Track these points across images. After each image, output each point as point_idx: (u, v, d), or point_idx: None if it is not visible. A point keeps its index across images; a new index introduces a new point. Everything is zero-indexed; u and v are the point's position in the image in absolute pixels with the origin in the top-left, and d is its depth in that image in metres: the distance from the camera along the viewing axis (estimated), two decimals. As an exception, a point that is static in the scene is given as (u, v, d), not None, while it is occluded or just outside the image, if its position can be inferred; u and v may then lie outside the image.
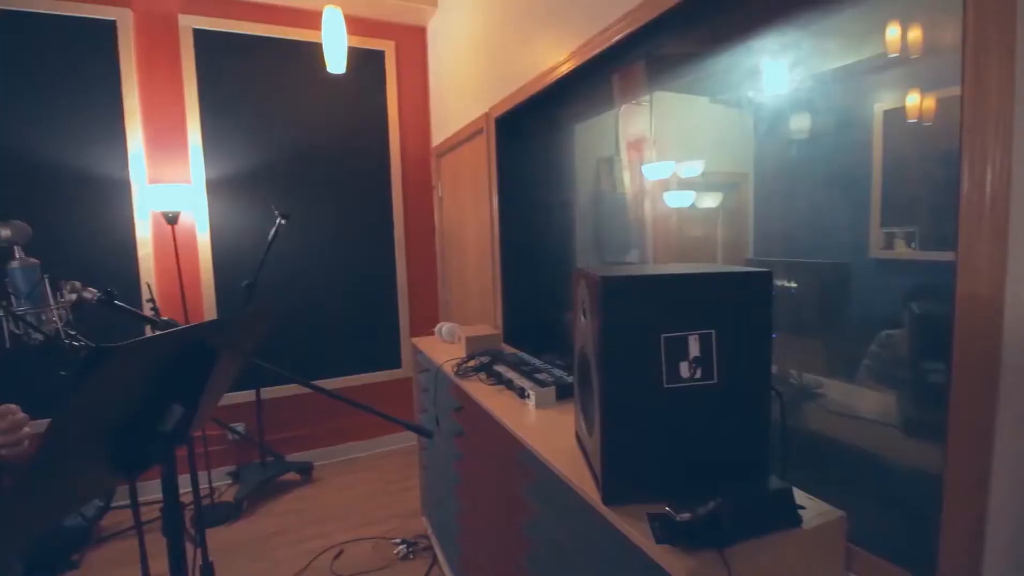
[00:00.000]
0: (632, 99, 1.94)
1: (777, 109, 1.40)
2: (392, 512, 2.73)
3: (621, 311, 0.84)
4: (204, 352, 0.79)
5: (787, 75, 1.36)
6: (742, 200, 1.60)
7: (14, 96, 2.58)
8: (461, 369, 1.75)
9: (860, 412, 1.26)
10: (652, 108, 1.91)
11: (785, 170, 1.44)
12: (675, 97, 1.84)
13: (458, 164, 3.03)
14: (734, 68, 1.53)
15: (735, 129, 1.58)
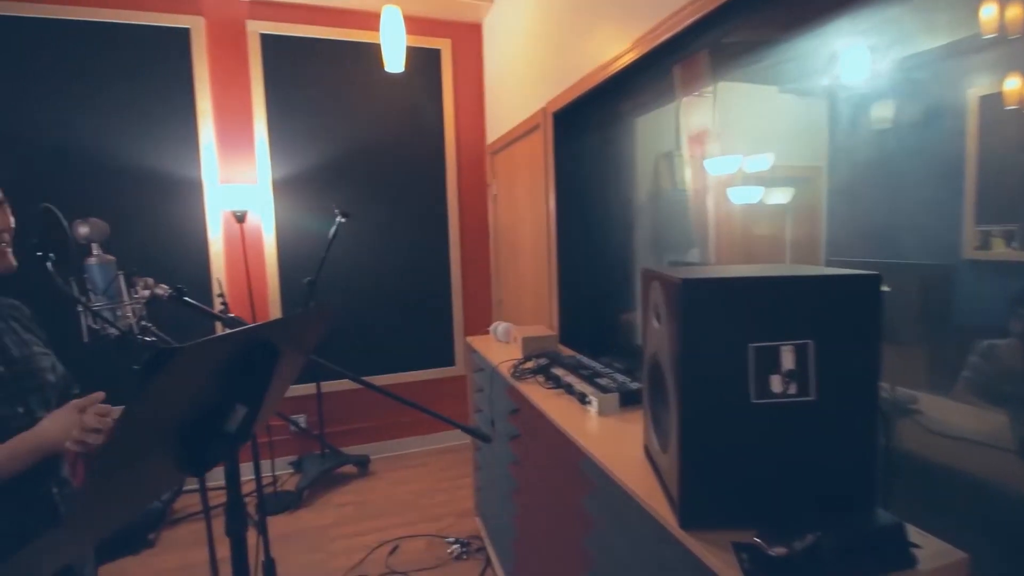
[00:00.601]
0: (694, 90, 1.83)
1: (856, 97, 1.27)
2: (446, 510, 2.73)
3: (704, 317, 0.76)
4: (267, 351, 0.78)
5: (868, 60, 1.23)
6: (814, 196, 1.47)
7: (96, 101, 2.76)
8: (517, 371, 1.71)
9: (964, 432, 1.11)
10: (716, 99, 1.79)
11: (864, 163, 1.30)
12: (741, 87, 1.72)
13: (513, 161, 2.99)
14: (808, 54, 1.40)
15: (807, 120, 1.46)
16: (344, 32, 3.12)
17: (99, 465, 0.55)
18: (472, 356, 2.31)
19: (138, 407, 0.53)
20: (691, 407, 0.78)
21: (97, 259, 0.99)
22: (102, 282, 0.97)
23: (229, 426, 0.75)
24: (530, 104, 2.61)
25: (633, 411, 1.34)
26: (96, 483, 0.57)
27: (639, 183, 2.25)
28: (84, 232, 0.99)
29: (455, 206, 3.40)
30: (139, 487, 0.70)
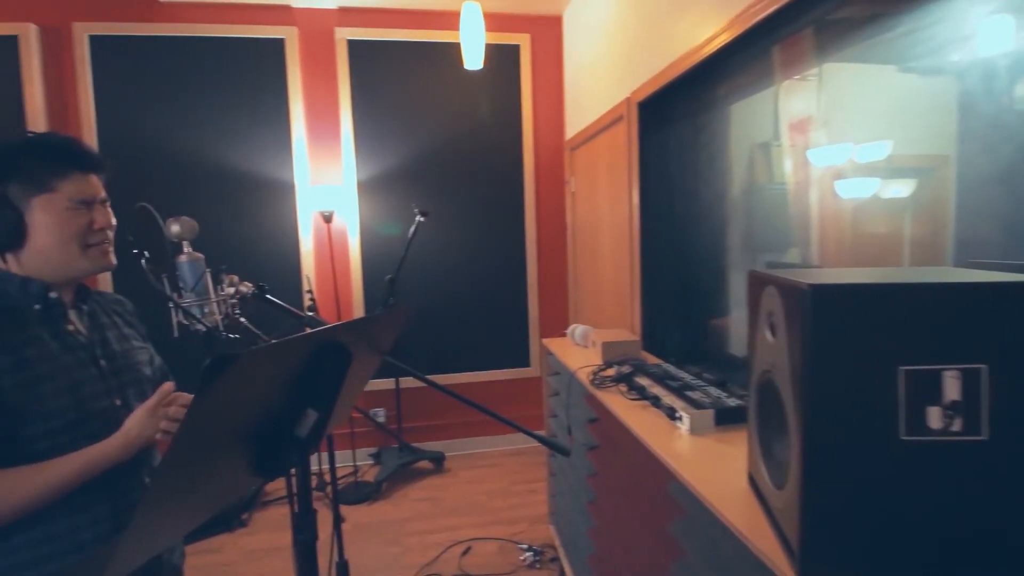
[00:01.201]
0: (796, 73, 1.63)
1: (995, 75, 1.03)
2: (519, 514, 2.67)
3: (840, 332, 0.62)
4: (339, 354, 0.74)
5: (1012, 29, 1.00)
6: (939, 188, 1.25)
7: (199, 110, 3.00)
8: (597, 378, 1.60)
9: None
10: (821, 82, 1.58)
11: (1007, 150, 1.06)
12: (851, 68, 1.50)
13: (593, 156, 2.87)
14: (935, 25, 1.17)
15: (932, 102, 1.24)
16: (425, 33, 3.16)
17: (161, 470, 0.53)
18: (548, 359, 2.23)
19: (197, 413, 0.51)
20: (820, 440, 0.64)
21: (187, 256, 1.02)
22: (191, 279, 1.00)
23: (300, 431, 0.73)
24: (613, 95, 2.48)
25: (731, 431, 1.20)
26: (159, 488, 0.55)
27: (732, 176, 2.05)
28: (176, 230, 1.02)
29: (532, 204, 3.34)
30: (211, 490, 0.69)
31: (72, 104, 2.92)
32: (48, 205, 0.88)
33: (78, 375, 0.92)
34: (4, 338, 0.84)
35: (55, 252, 0.90)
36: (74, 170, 0.91)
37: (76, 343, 0.95)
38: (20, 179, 0.86)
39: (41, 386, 0.87)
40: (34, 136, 0.89)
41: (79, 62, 2.87)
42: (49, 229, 0.88)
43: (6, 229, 0.86)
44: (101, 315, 1.03)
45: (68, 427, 0.89)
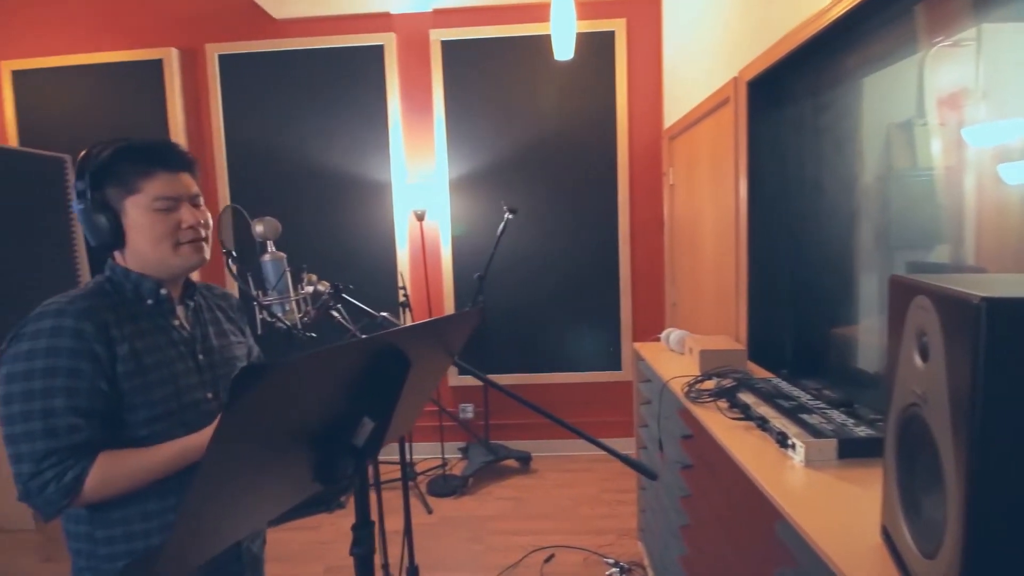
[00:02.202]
0: (947, 37, 1.33)
1: None
2: (607, 525, 2.55)
3: None
4: (397, 361, 0.70)
5: None
6: None
7: (307, 116, 3.21)
8: (693, 390, 1.44)
9: None
10: (980, 47, 1.28)
11: None
12: (1019, 28, 1.20)
13: (694, 145, 2.64)
14: None
15: None
16: (515, 28, 3.12)
17: (199, 474, 0.51)
18: (639, 364, 2.08)
19: (229, 422, 0.48)
20: (996, 503, 0.48)
21: (270, 256, 1.04)
22: (273, 278, 1.02)
23: (356, 440, 0.69)
24: (718, 76, 2.25)
25: (858, 467, 0.99)
26: (197, 491, 0.54)
27: (862, 162, 1.75)
28: (259, 230, 1.05)
29: (626, 198, 3.16)
30: (269, 491, 0.68)
31: (205, 117, 3.27)
32: (138, 205, 0.93)
33: (179, 367, 0.98)
34: (121, 330, 0.91)
35: (149, 250, 0.95)
36: (160, 170, 0.94)
37: (179, 337, 1.01)
38: (114, 182, 0.92)
39: (148, 376, 0.93)
40: (125, 141, 0.94)
41: (211, 79, 3.21)
42: (141, 229, 0.93)
43: (106, 230, 0.92)
44: (205, 310, 1.09)
45: (166, 415, 0.94)
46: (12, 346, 0.86)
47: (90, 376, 0.86)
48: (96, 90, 3.26)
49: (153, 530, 0.94)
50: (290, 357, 0.49)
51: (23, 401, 0.84)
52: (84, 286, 0.95)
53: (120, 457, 0.89)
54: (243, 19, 3.20)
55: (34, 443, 0.83)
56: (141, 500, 0.93)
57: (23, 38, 3.29)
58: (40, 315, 0.88)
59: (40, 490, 0.83)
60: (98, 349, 0.87)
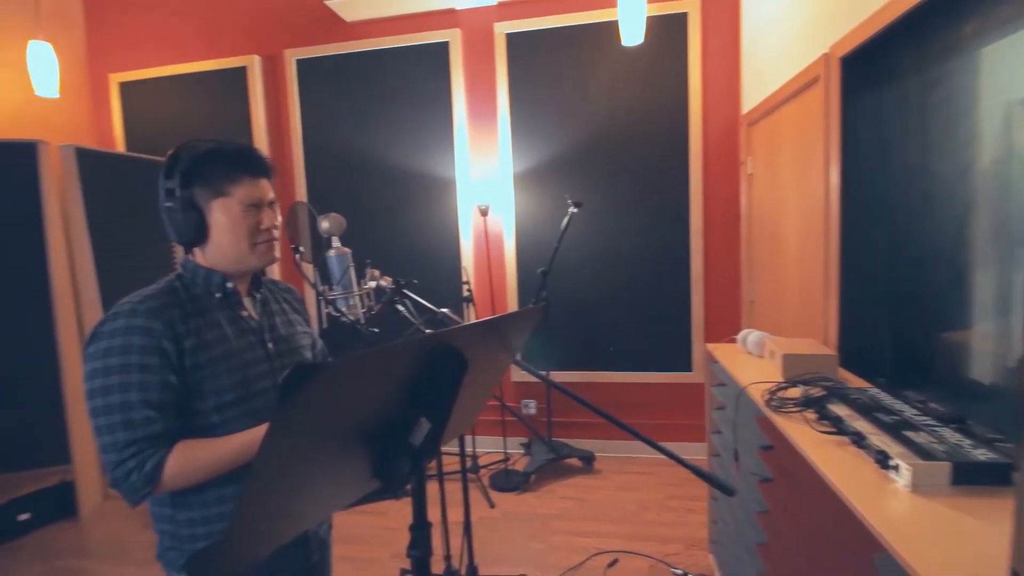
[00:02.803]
0: None
1: None
2: (674, 533, 2.43)
3: None
4: (454, 361, 0.67)
5: None
6: None
7: (377, 115, 3.29)
8: (776, 398, 1.32)
9: None
10: None
11: None
12: None
13: (777, 130, 2.44)
14: None
15: None
16: (581, 16, 3.03)
17: (254, 472, 0.51)
18: (713, 367, 1.95)
19: (281, 420, 0.47)
20: None
21: (335, 251, 1.06)
22: (338, 273, 1.03)
23: (414, 439, 0.68)
24: (805, 54, 2.06)
25: (975, 495, 0.86)
26: (252, 489, 0.54)
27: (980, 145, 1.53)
28: (325, 226, 1.07)
29: (698, 189, 2.99)
30: (327, 489, 0.68)
31: (284, 118, 3.45)
32: (224, 207, 0.98)
33: (248, 356, 1.02)
34: (189, 322, 0.96)
35: (229, 248, 1.00)
36: (246, 175, 0.99)
37: (248, 327, 1.05)
38: (202, 184, 0.97)
39: (217, 365, 0.97)
40: (214, 144, 0.99)
41: (289, 83, 3.38)
42: (224, 228, 0.98)
43: (192, 228, 0.97)
44: (271, 302, 1.14)
45: (236, 402, 0.98)
46: (91, 344, 0.92)
47: (160, 371, 0.91)
48: (190, 97, 3.52)
49: (228, 515, 0.99)
50: (341, 357, 0.48)
51: (103, 395, 0.89)
52: (155, 285, 1.00)
53: (195, 446, 0.93)
54: (318, 24, 3.33)
55: (115, 434, 0.89)
56: (217, 485, 0.97)
57: (127, 53, 3.62)
58: (115, 315, 0.93)
59: (125, 478, 0.88)
60: (166, 345, 0.92)
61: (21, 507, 2.75)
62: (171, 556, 0.99)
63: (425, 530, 0.71)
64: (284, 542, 0.64)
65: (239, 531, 0.52)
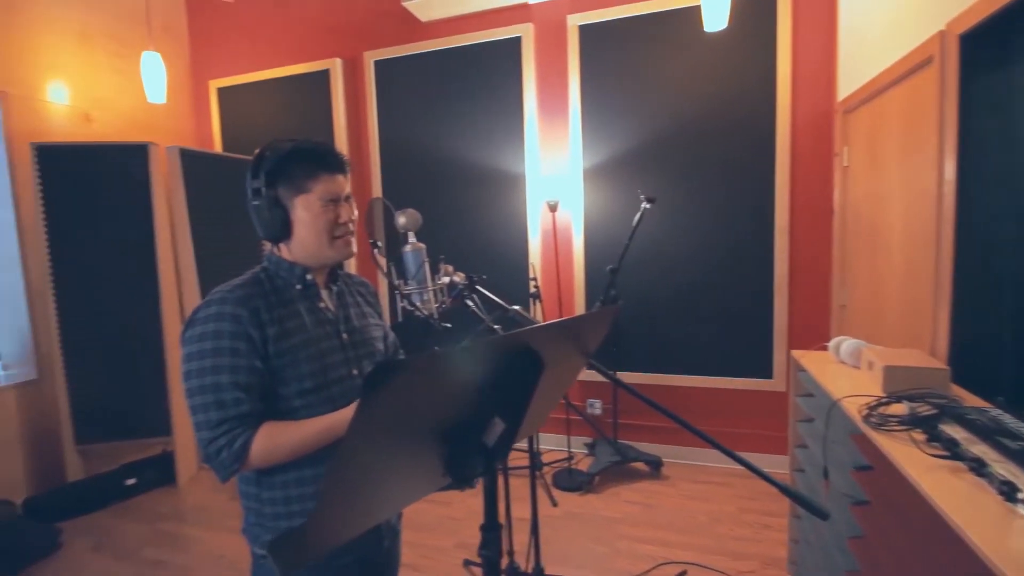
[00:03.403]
0: None
1: None
2: (748, 549, 2.29)
3: None
4: (530, 362, 0.65)
5: None
6: None
7: (450, 113, 3.33)
8: (876, 414, 1.20)
9: None
10: None
11: None
12: None
13: (879, 118, 2.22)
14: None
15: None
16: (658, 3, 2.90)
17: (333, 464, 0.51)
18: (799, 376, 1.81)
19: (363, 416, 0.47)
20: None
21: (411, 247, 1.07)
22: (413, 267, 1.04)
23: (487, 439, 0.66)
24: (916, 32, 1.85)
25: None
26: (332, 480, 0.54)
27: None
28: (401, 222, 1.08)
29: (785, 183, 2.78)
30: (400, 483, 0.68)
31: (362, 118, 3.59)
32: (305, 203, 1.02)
33: (324, 345, 1.06)
34: (272, 311, 1.01)
35: (310, 243, 1.04)
36: (324, 172, 1.03)
37: (325, 318, 1.09)
38: (285, 182, 1.02)
39: (298, 353, 1.01)
40: (294, 144, 1.03)
41: (368, 84, 3.50)
42: (306, 224, 1.03)
43: (278, 224, 1.02)
44: (347, 295, 1.17)
45: (315, 389, 1.02)
46: (188, 329, 0.99)
47: (247, 355, 0.96)
48: (278, 100, 3.75)
49: (307, 495, 1.03)
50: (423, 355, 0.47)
51: (198, 377, 0.95)
52: (243, 276, 1.06)
53: (280, 428, 0.98)
54: (396, 26, 3.43)
55: (208, 413, 0.95)
56: (298, 467, 1.01)
57: (224, 61, 3.91)
58: (208, 303, 0.99)
59: (216, 454, 0.94)
60: (252, 332, 0.97)
61: (129, 473, 3.07)
62: (255, 532, 1.05)
63: (496, 531, 0.70)
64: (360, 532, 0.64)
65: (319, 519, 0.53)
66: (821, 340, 2.73)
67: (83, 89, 3.33)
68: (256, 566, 1.06)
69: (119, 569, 2.38)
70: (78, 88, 3.31)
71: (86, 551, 2.52)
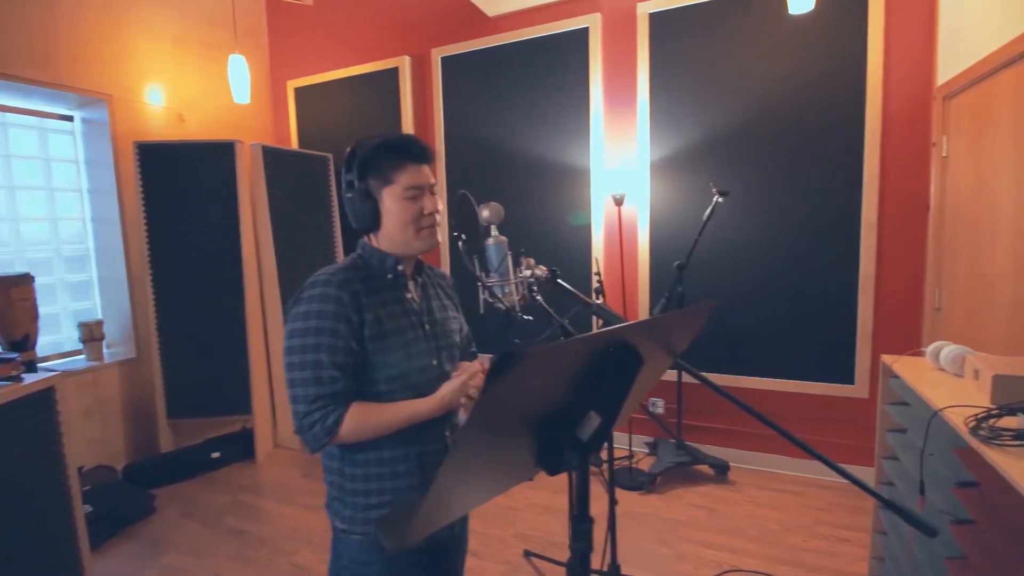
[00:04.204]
0: None
1: None
2: (823, 563, 2.18)
3: None
4: (629, 356, 0.64)
5: None
6: None
7: (516, 106, 3.33)
8: (985, 426, 1.10)
9: None
10: None
11: None
12: None
13: (987, 103, 2.02)
14: None
15: None
16: (739, -14, 2.77)
17: (455, 448, 0.53)
18: (891, 382, 1.69)
19: (486, 400, 0.49)
20: None
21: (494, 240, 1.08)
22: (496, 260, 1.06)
23: (581, 433, 0.66)
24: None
25: None
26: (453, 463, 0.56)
27: None
28: (486, 215, 1.10)
29: (874, 175, 2.59)
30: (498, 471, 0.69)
31: (429, 114, 3.66)
32: (392, 194, 1.06)
33: (410, 335, 1.09)
34: (368, 299, 1.05)
35: (397, 233, 1.07)
36: (410, 162, 1.06)
37: (411, 308, 1.12)
38: (374, 174, 1.06)
39: (387, 340, 1.05)
40: (382, 138, 1.07)
41: (435, 80, 3.57)
42: (393, 214, 1.06)
43: (368, 215, 1.06)
44: (429, 287, 1.21)
45: (400, 376, 1.06)
46: (293, 307, 1.05)
47: (346, 336, 1.01)
48: (350, 98, 3.90)
49: (386, 474, 1.08)
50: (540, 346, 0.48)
51: (300, 353, 1.01)
52: (342, 261, 1.11)
53: (368, 408, 1.03)
54: (463, 21, 3.47)
55: (307, 388, 1.00)
56: (378, 447, 1.06)
57: (301, 62, 4.10)
58: (313, 283, 1.05)
59: (310, 427, 1.00)
60: (351, 315, 1.02)
61: (214, 447, 3.31)
62: (336, 507, 1.11)
63: (589, 524, 0.70)
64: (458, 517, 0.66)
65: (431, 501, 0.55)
66: (910, 345, 2.54)
67: (177, 91, 3.60)
68: (336, 540, 1.12)
69: (206, 534, 2.58)
70: (172, 90, 3.57)
71: (176, 516, 2.75)
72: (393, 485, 1.07)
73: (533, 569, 2.23)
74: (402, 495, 1.07)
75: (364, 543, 1.07)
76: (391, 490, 1.07)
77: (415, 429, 1.06)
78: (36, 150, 3.15)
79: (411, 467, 1.08)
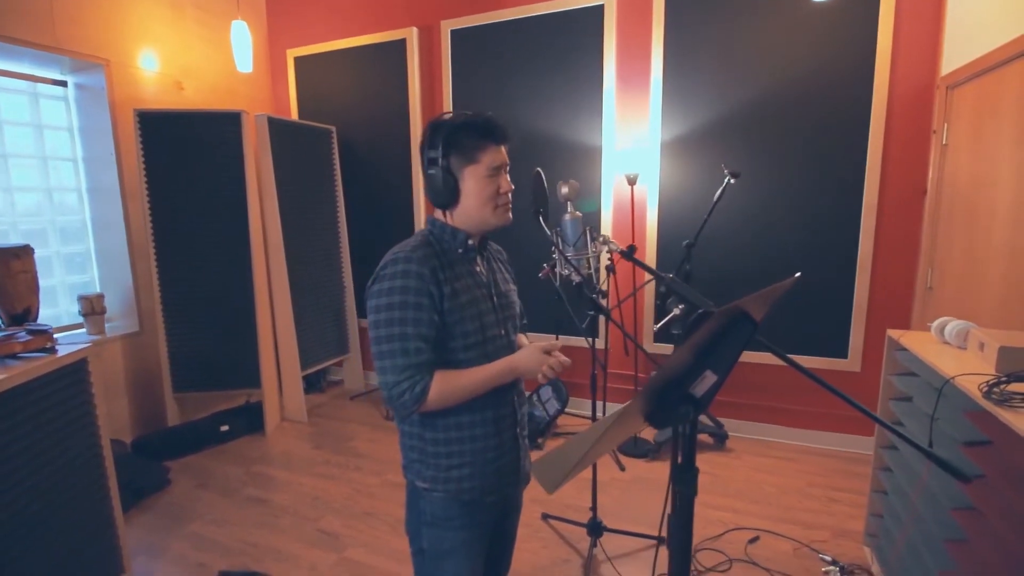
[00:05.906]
0: None
1: None
2: (818, 520, 2.36)
3: None
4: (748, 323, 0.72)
5: None
6: None
7: (527, 83, 3.34)
8: (995, 391, 1.23)
9: None
10: None
11: None
12: None
13: (989, 95, 2.15)
14: None
15: None
16: (756, -30, 2.81)
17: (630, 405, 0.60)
18: (896, 355, 1.83)
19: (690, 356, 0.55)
20: None
21: (570, 216, 1.14)
22: (572, 235, 1.11)
23: (696, 390, 0.74)
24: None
25: None
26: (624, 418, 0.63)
27: None
28: (564, 192, 1.15)
29: (876, 159, 2.71)
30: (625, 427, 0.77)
31: (437, 88, 3.63)
32: (474, 173, 1.10)
33: (482, 306, 1.15)
34: (445, 273, 1.10)
35: (475, 210, 1.12)
36: (491, 143, 1.10)
37: (480, 281, 1.18)
38: (457, 152, 1.09)
39: (464, 311, 1.11)
40: (466, 118, 1.10)
41: (443, 53, 3.53)
42: (473, 192, 1.11)
43: (448, 192, 1.10)
44: (492, 260, 1.26)
45: (475, 345, 1.13)
46: (376, 284, 1.09)
47: (428, 309, 1.07)
48: (354, 69, 3.83)
49: (465, 438, 1.15)
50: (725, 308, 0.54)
51: (387, 326, 1.06)
52: (415, 238, 1.15)
53: (451, 375, 1.09)
54: (473, -7, 3.43)
55: (395, 359, 1.06)
56: (457, 413, 1.13)
57: (301, 29, 3.99)
58: (393, 261, 1.09)
59: (399, 396, 1.06)
60: (432, 289, 1.07)
61: (223, 420, 3.32)
62: (417, 467, 1.18)
63: (693, 471, 0.79)
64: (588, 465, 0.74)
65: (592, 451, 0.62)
66: (902, 322, 2.72)
67: (174, 57, 3.48)
68: (418, 498, 1.19)
69: (226, 504, 2.62)
70: (169, 56, 3.45)
71: (193, 488, 2.78)
72: (472, 447, 1.14)
73: (552, 529, 2.36)
74: (479, 456, 1.15)
75: (446, 499, 1.15)
76: (470, 451, 1.14)
77: (488, 395, 1.13)
78: (27, 116, 3.03)
79: (488, 430, 1.15)
